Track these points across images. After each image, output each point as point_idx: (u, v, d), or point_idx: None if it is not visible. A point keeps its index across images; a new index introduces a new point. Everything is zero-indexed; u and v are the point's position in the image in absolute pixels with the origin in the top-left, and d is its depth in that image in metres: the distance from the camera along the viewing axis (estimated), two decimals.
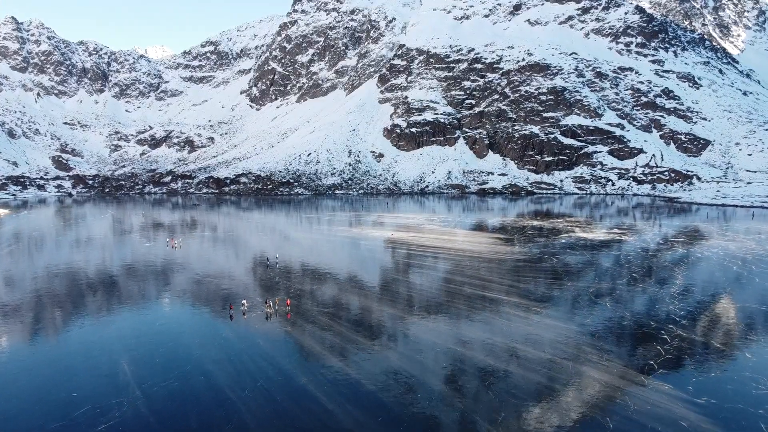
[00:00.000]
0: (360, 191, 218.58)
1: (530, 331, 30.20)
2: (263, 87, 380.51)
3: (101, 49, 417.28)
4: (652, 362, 25.23)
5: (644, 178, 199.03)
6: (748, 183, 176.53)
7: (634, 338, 29.04)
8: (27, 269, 51.30)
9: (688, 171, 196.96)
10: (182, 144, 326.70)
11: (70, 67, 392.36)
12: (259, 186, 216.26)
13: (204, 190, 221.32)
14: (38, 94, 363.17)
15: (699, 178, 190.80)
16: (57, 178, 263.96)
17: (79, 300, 38.74)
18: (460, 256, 56.90)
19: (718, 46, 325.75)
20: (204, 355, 26.75)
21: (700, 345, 27.92)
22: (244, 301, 35.72)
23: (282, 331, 30.75)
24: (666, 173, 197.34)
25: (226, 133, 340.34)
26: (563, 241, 69.45)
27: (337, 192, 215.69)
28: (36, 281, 45.25)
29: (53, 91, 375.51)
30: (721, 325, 31.54)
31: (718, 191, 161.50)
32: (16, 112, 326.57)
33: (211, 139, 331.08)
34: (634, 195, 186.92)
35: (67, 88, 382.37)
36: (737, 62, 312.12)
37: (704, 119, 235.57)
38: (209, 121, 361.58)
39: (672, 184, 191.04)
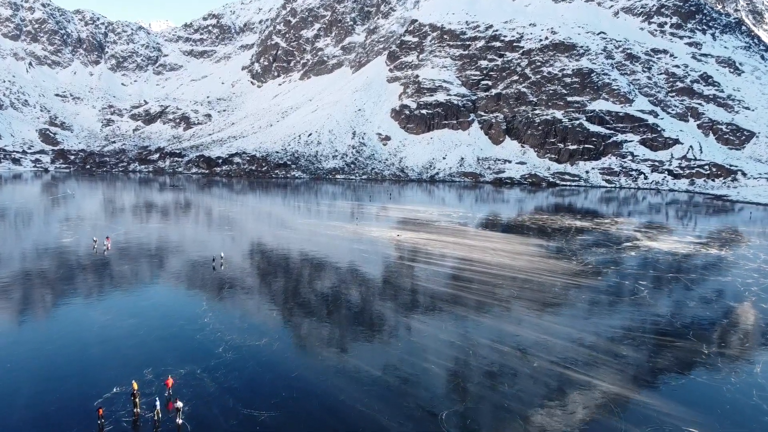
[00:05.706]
0: (363, 176, 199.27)
1: None
2: (265, 63, 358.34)
3: (98, 18, 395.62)
4: None
5: (681, 171, 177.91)
6: None
7: None
8: None
9: (731, 165, 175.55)
10: (178, 120, 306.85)
11: (65, 37, 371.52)
12: (254, 167, 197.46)
13: (193, 170, 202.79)
14: (30, 64, 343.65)
15: (744, 174, 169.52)
16: (41, 152, 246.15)
17: None
18: (499, 277, 38.12)
19: (753, 33, 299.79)
20: None
21: None
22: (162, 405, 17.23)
23: None
24: (706, 167, 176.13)
25: (224, 110, 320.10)
26: (632, 254, 50.65)
27: (338, 177, 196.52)
28: None
29: (46, 61, 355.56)
30: None
31: None
32: (5, 81, 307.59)
33: (209, 116, 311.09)
34: (671, 190, 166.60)
35: (60, 58, 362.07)
36: None
37: (747, 108, 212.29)
38: (207, 97, 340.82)
39: (713, 180, 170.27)
